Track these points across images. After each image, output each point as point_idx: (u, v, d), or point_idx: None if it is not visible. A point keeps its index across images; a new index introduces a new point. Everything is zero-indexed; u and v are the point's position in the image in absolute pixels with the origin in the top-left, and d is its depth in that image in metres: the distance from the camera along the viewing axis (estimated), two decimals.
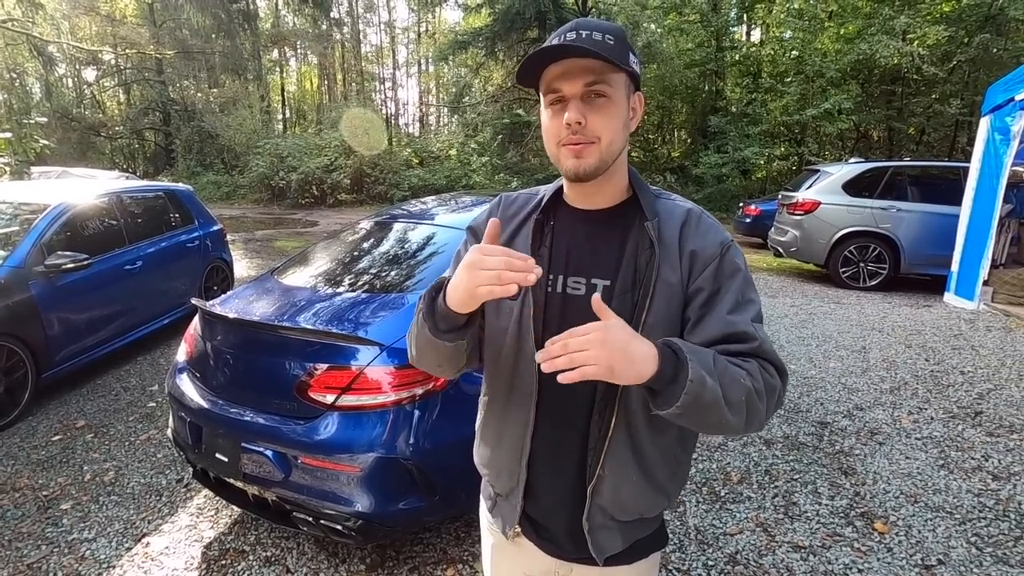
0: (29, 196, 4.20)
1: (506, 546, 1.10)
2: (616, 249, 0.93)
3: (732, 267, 0.91)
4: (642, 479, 0.95)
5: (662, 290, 0.89)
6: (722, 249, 0.91)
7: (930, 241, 6.69)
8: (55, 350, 3.64)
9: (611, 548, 0.99)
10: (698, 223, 0.93)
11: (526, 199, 1.04)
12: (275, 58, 30.29)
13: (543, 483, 1.01)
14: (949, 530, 2.40)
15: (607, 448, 0.93)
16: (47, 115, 16.71)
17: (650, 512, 1.00)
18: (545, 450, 0.99)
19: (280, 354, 2.11)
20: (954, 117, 13.61)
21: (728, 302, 0.89)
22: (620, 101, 0.87)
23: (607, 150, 0.87)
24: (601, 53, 0.80)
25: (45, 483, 2.77)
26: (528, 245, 0.95)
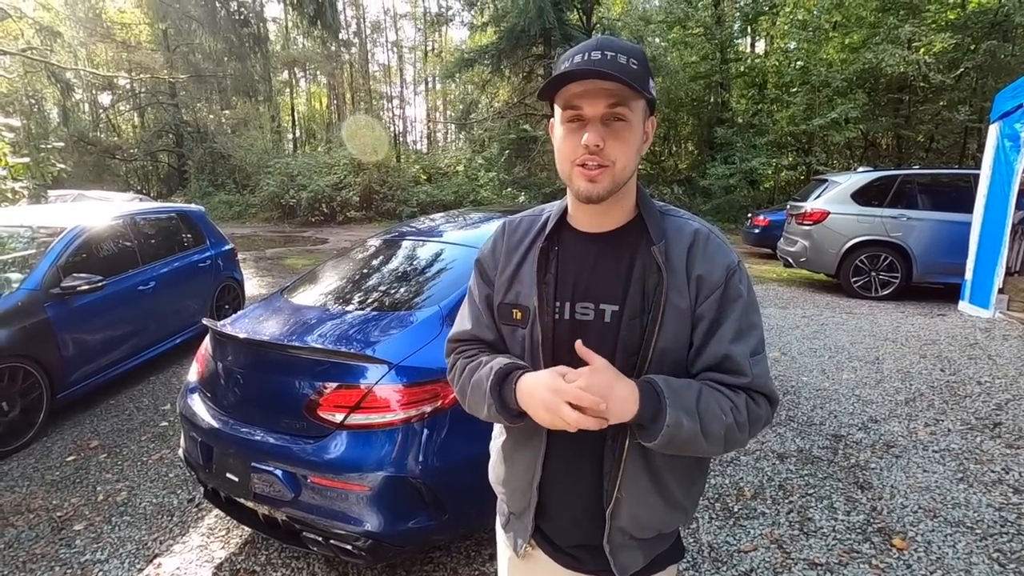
0: (45, 219, 4.29)
1: (521, 562, 1.11)
2: (624, 273, 0.93)
3: (735, 293, 0.91)
4: (659, 499, 0.96)
5: (671, 315, 0.89)
6: (727, 274, 0.91)
7: (942, 249, 6.61)
8: (70, 371, 3.69)
9: (633, 566, 1.00)
10: (705, 245, 0.92)
11: (529, 223, 1.04)
12: (285, 79, 30.88)
13: (558, 504, 1.02)
14: (970, 546, 2.34)
15: (623, 471, 0.94)
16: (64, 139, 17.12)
17: (668, 528, 1.01)
18: (559, 473, 1.00)
19: (289, 373, 2.12)
20: (963, 124, 13.53)
21: (729, 331, 0.90)
22: (637, 126, 0.88)
23: (620, 174, 0.88)
24: (626, 78, 0.81)
25: (59, 504, 2.79)
26: (534, 273, 0.96)
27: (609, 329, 0.92)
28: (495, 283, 1.03)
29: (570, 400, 0.81)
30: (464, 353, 1.07)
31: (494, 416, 0.95)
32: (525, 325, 0.97)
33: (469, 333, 1.07)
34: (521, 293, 0.98)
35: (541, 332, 0.94)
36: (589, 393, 0.80)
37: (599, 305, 0.93)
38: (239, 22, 21.53)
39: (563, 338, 0.94)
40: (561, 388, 0.82)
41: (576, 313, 0.94)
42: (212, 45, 21.78)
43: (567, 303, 0.94)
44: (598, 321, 0.93)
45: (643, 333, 0.90)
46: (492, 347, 1.06)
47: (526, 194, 15.86)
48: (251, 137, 21.85)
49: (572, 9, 16.47)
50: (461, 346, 1.10)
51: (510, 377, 0.92)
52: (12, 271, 3.75)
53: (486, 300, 1.06)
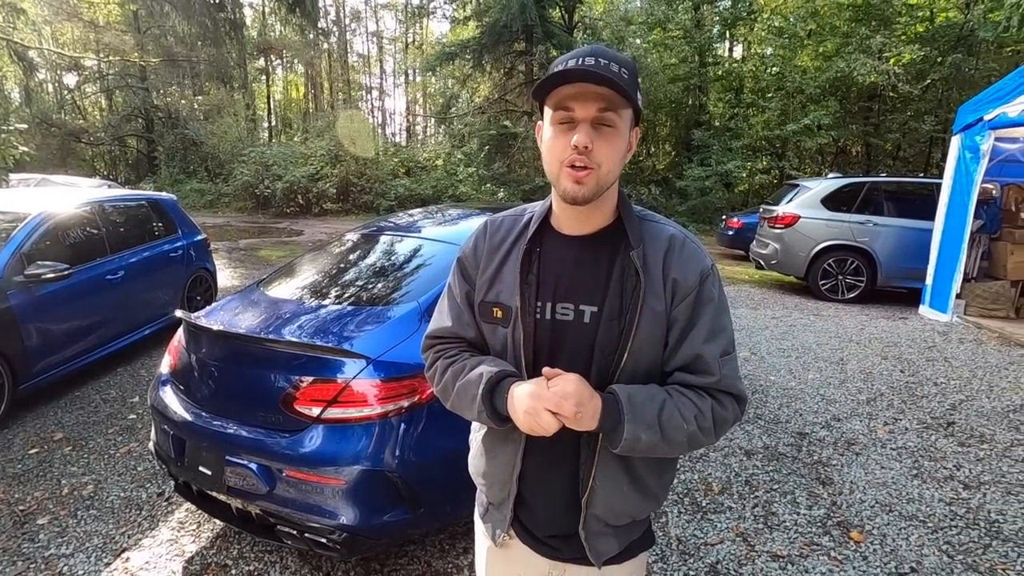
0: (8, 205, 4.14)
1: (499, 551, 1.14)
2: (603, 275, 0.96)
3: (708, 296, 0.95)
4: (632, 487, 1.01)
5: (648, 317, 0.93)
6: (701, 278, 0.95)
7: (905, 255, 6.87)
8: (33, 361, 3.58)
9: (608, 552, 1.04)
10: (681, 250, 0.96)
11: (511, 223, 1.06)
12: (261, 66, 30.19)
13: (536, 494, 1.06)
14: (922, 538, 2.46)
15: (597, 461, 0.98)
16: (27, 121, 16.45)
17: (641, 515, 1.06)
18: (538, 465, 1.04)
19: (266, 367, 2.11)
20: (928, 134, 14.04)
21: (701, 332, 0.94)
22: (624, 133, 0.91)
23: (605, 178, 0.90)
24: (619, 84, 0.84)
25: (21, 497, 2.72)
26: (517, 273, 0.99)
27: (588, 329, 0.95)
28: (476, 281, 1.06)
29: (550, 407, 0.86)
30: (445, 353, 1.09)
31: (484, 420, 0.99)
32: (506, 324, 1.00)
33: (450, 331, 1.10)
34: (502, 292, 1.01)
35: (523, 332, 0.97)
36: (569, 401, 0.85)
37: (579, 306, 0.96)
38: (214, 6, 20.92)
39: (544, 337, 0.98)
40: (543, 395, 0.87)
41: (557, 313, 0.97)
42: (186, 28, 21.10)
43: (548, 303, 0.97)
44: (577, 321, 0.96)
45: (620, 334, 0.93)
46: (472, 345, 1.09)
47: (505, 190, 15.87)
48: (225, 124, 21.30)
49: (554, 7, 16.50)
50: (440, 344, 1.11)
51: (501, 385, 0.96)
52: None
53: (467, 297, 1.08)
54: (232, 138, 20.84)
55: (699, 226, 15.18)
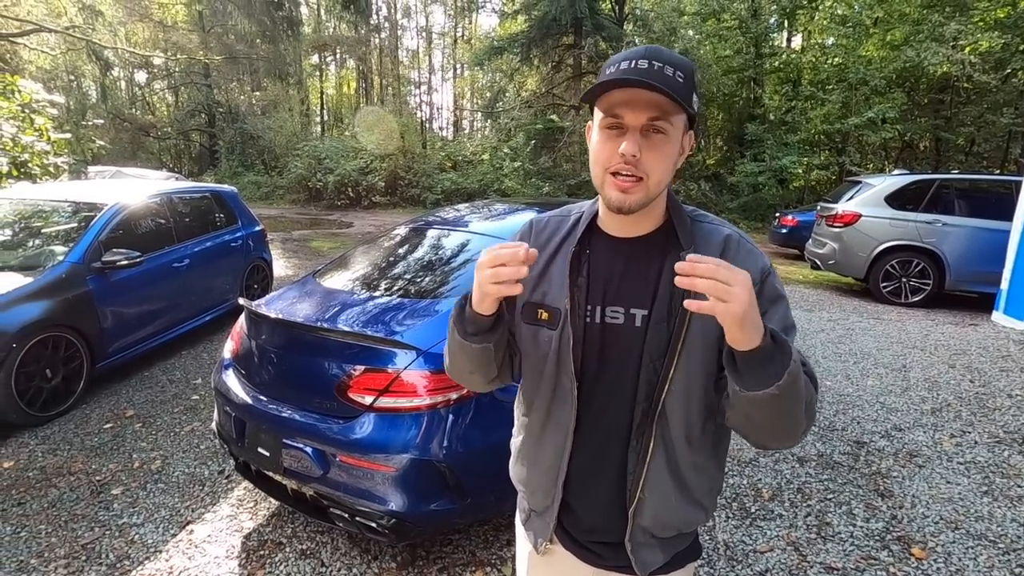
0: (87, 195, 4.44)
1: (541, 558, 1.12)
2: (653, 278, 0.93)
3: (775, 293, 0.93)
4: (681, 498, 0.98)
5: (698, 320, 0.89)
6: (763, 275, 0.92)
7: (978, 257, 6.43)
8: (109, 342, 3.84)
9: (654, 563, 1.01)
10: (738, 250, 0.94)
11: (557, 223, 1.04)
12: (315, 62, 31.10)
13: (581, 502, 1.03)
14: (992, 560, 2.32)
15: (646, 472, 0.95)
16: (102, 116, 17.57)
17: (689, 527, 1.02)
18: (583, 473, 1.01)
19: (321, 355, 2.19)
20: (1007, 127, 13.04)
21: (777, 326, 0.89)
22: (676, 140, 0.88)
23: (654, 188, 0.88)
24: (671, 92, 0.80)
25: (98, 468, 2.93)
26: (566, 275, 0.97)
27: (638, 333, 0.93)
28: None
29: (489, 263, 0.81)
30: None
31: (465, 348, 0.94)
32: (554, 327, 0.97)
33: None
34: (549, 294, 0.98)
35: (572, 334, 0.95)
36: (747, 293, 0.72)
37: (629, 309, 0.94)
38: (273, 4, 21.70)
39: (592, 341, 0.95)
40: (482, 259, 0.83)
41: (607, 317, 0.95)
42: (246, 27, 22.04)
43: (597, 306, 0.95)
44: (628, 325, 0.94)
45: (670, 337, 0.91)
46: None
47: (551, 185, 15.78)
48: (280, 119, 22.11)
49: None
50: None
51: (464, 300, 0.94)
52: (56, 244, 3.91)
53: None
54: (287, 132, 21.61)
55: (751, 224, 14.67)
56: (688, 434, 0.94)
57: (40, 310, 3.41)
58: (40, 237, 4.09)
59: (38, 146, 6.77)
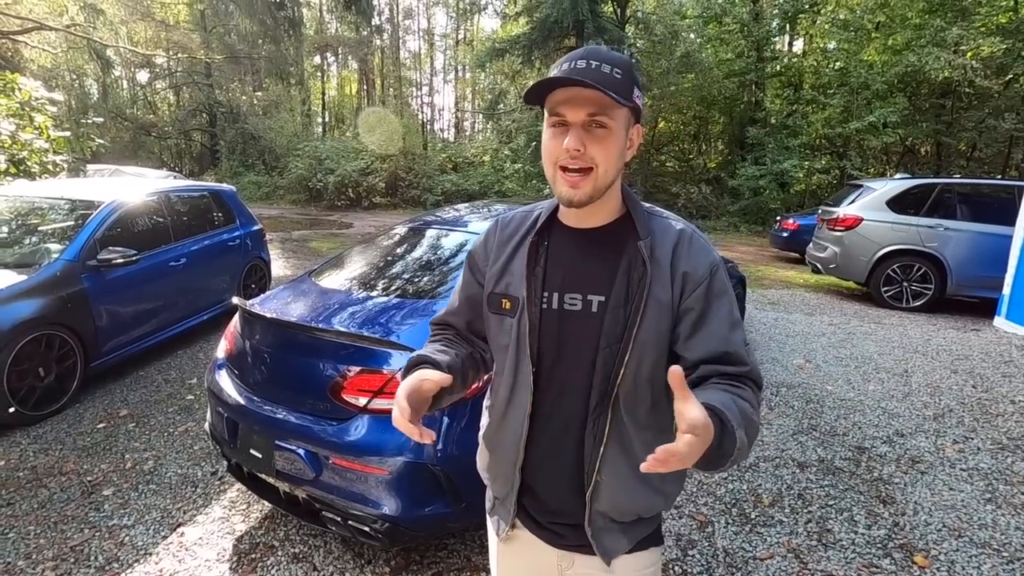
0: (84, 193, 4.41)
1: (506, 545, 1.14)
2: (610, 266, 0.97)
3: (721, 288, 0.96)
4: (638, 483, 0.99)
5: (653, 307, 0.93)
6: (711, 270, 0.96)
7: (980, 262, 6.40)
8: (103, 341, 3.81)
9: (616, 549, 1.03)
10: (690, 244, 0.97)
11: (522, 219, 1.09)
12: (317, 63, 31.13)
13: (543, 488, 1.06)
14: (996, 568, 2.28)
15: (602, 456, 0.98)
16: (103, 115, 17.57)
17: (648, 513, 1.04)
18: (543, 458, 1.04)
19: (315, 355, 2.16)
20: (1008, 132, 13.01)
21: (724, 324, 0.94)
22: (619, 133, 0.92)
23: (602, 178, 0.92)
24: (606, 89, 0.85)
25: (89, 468, 2.89)
26: (524, 265, 1.01)
27: (595, 319, 0.96)
28: (486, 275, 1.08)
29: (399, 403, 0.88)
30: (432, 336, 1.18)
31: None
32: (514, 315, 1.02)
33: (442, 318, 1.18)
34: (511, 284, 1.03)
35: (528, 321, 0.99)
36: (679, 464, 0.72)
37: (586, 296, 0.97)
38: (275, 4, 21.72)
39: (550, 328, 0.99)
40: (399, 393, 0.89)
41: (565, 303, 0.98)
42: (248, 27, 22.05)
43: (555, 294, 0.99)
44: (585, 311, 0.97)
45: (625, 323, 0.94)
46: (458, 332, 1.16)
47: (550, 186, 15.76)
48: (282, 119, 22.11)
49: (606, 1, 16.23)
50: (435, 329, 1.20)
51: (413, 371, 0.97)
52: (52, 241, 3.87)
53: (466, 289, 1.13)
54: (288, 133, 21.59)
55: (751, 227, 14.65)
56: (642, 417, 0.98)
57: (33, 308, 3.38)
58: (36, 234, 4.06)
59: (37, 144, 6.74)
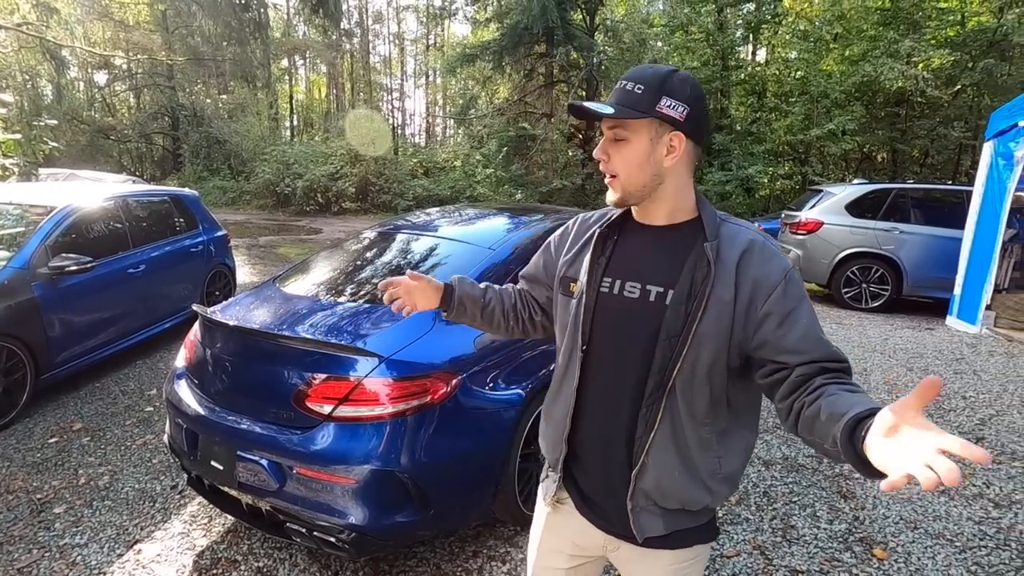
0: (36, 198, 4.23)
1: (556, 517, 1.20)
2: (676, 262, 1.03)
3: (799, 291, 1.00)
4: (684, 473, 1.04)
5: (714, 305, 0.98)
6: (785, 275, 0.99)
7: (933, 264, 6.67)
8: (55, 352, 3.64)
9: (652, 530, 1.07)
10: (761, 251, 1.01)
11: (600, 216, 1.19)
12: (285, 66, 30.61)
13: (592, 461, 1.12)
14: (949, 558, 2.37)
15: (652, 440, 1.03)
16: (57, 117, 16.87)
17: (693, 505, 1.06)
18: (591, 431, 1.11)
19: (279, 363, 2.11)
20: (958, 140, 13.64)
21: (811, 323, 0.98)
22: (638, 143, 1.01)
23: (626, 183, 1.03)
24: (614, 112, 0.98)
25: (39, 486, 2.76)
26: (590, 252, 1.11)
27: (652, 309, 1.03)
28: (558, 261, 1.20)
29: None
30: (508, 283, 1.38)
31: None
32: (576, 297, 1.11)
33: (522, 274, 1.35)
34: (578, 269, 1.13)
35: (585, 303, 1.08)
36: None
37: (646, 286, 1.04)
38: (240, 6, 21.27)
39: (608, 312, 1.08)
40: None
41: (624, 290, 1.06)
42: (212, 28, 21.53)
43: (617, 281, 1.07)
44: (643, 299, 1.04)
45: (686, 317, 0.99)
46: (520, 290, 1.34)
47: (523, 192, 15.81)
48: (248, 123, 21.66)
49: (576, 9, 16.42)
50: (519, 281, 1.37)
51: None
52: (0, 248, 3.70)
53: (533, 267, 1.30)
54: (255, 137, 21.15)
55: None
56: (695, 412, 1.02)
57: None
58: None
59: None
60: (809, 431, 0.88)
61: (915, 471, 0.64)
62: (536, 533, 1.25)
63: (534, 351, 2.46)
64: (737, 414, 1.07)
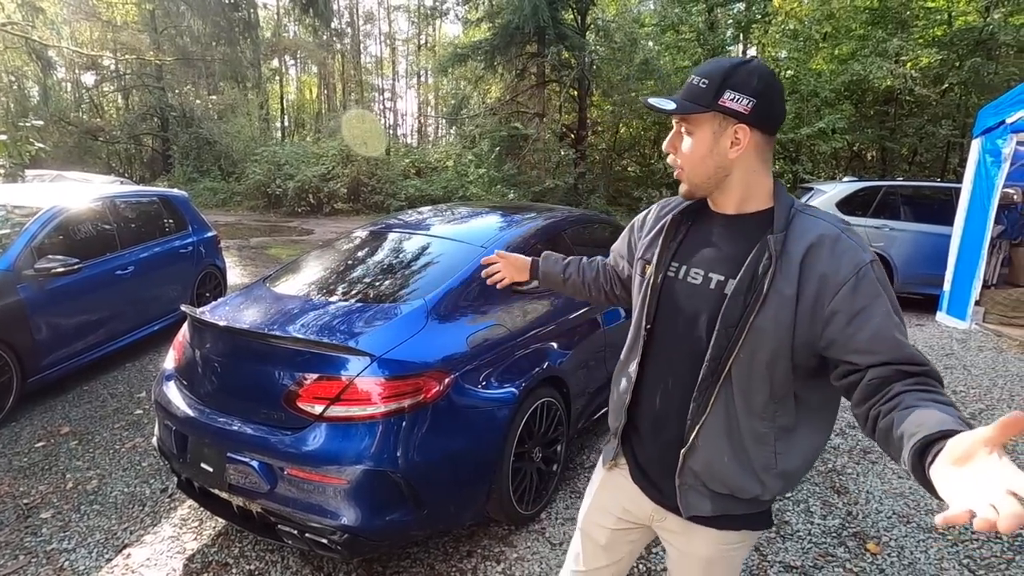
0: (21, 199, 4.17)
1: (614, 478, 1.26)
2: (740, 252, 1.03)
3: (872, 288, 0.94)
4: (735, 461, 1.05)
5: (774, 299, 0.97)
6: (857, 271, 0.94)
7: (922, 260, 6.73)
8: (42, 355, 3.59)
9: (698, 509, 1.10)
10: (833, 246, 0.96)
11: (679, 201, 1.21)
12: (275, 66, 30.40)
13: (647, 434, 1.17)
14: (941, 552, 2.38)
15: (703, 424, 1.05)
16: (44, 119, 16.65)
17: (742, 493, 1.07)
18: (649, 407, 1.15)
19: (269, 363, 2.08)
20: (946, 138, 13.78)
21: (886, 321, 0.92)
22: (702, 136, 1.03)
23: (690, 175, 1.07)
24: (676, 107, 1.02)
25: (26, 491, 2.71)
26: (663, 237, 1.15)
27: (712, 297, 1.05)
28: (638, 243, 1.26)
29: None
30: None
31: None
32: (646, 278, 1.16)
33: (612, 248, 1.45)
34: (652, 252, 1.18)
35: (652, 284, 1.13)
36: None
37: (708, 273, 1.07)
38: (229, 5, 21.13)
39: (670, 293, 1.12)
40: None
41: (688, 276, 1.09)
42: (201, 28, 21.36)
43: (684, 266, 1.11)
44: (704, 286, 1.07)
45: (744, 308, 0.99)
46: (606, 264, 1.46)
47: (515, 191, 15.80)
48: (238, 124, 21.46)
49: (567, 9, 16.43)
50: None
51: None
52: None
53: (618, 247, 1.40)
54: (245, 137, 20.97)
55: None
56: (751, 404, 1.02)
57: None
58: None
59: None
60: (885, 444, 0.85)
61: (977, 508, 0.58)
62: (591, 490, 1.33)
63: (527, 349, 2.45)
64: (807, 414, 1.05)
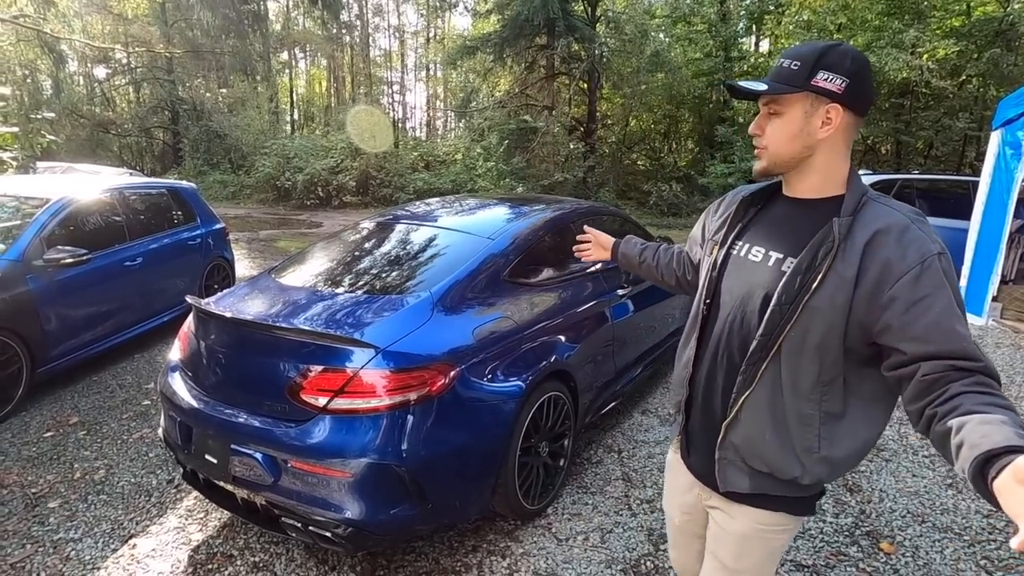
0: (31, 190, 4.18)
1: (674, 459, 1.35)
2: (805, 233, 1.04)
3: (936, 279, 0.93)
4: (776, 439, 1.06)
5: (832, 280, 0.98)
6: (922, 260, 0.93)
7: None
8: (51, 345, 3.61)
9: (735, 485, 1.12)
10: (901, 234, 0.96)
11: (754, 188, 1.24)
12: (285, 60, 30.44)
13: (700, 404, 1.20)
14: (958, 552, 2.32)
15: (747, 398, 1.07)
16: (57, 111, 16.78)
17: (781, 473, 1.07)
18: (702, 380, 1.18)
19: (274, 355, 2.06)
20: (963, 131, 13.52)
21: (945, 314, 0.91)
22: (792, 116, 1.04)
23: (773, 155, 1.08)
24: (767, 88, 1.04)
25: (34, 480, 2.73)
26: (730, 216, 1.20)
27: (770, 274, 1.07)
28: (710, 225, 1.30)
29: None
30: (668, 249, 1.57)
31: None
32: (711, 255, 1.21)
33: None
34: (720, 232, 1.22)
35: (714, 260, 1.18)
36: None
37: (768, 251, 1.10)
38: None
39: (731, 270, 1.16)
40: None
41: (750, 254, 1.13)
42: (210, 20, 21.42)
43: (747, 245, 1.15)
44: (763, 264, 1.10)
45: (801, 288, 1.00)
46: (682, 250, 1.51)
47: (524, 185, 15.73)
48: (248, 117, 21.53)
49: (577, 0, 16.28)
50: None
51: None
52: None
53: (694, 231, 1.41)
54: (255, 130, 21.04)
55: None
56: (798, 384, 1.03)
57: None
58: None
59: None
60: (941, 447, 0.85)
61: None
62: (665, 472, 1.42)
63: (534, 343, 2.42)
64: (857, 403, 1.04)
